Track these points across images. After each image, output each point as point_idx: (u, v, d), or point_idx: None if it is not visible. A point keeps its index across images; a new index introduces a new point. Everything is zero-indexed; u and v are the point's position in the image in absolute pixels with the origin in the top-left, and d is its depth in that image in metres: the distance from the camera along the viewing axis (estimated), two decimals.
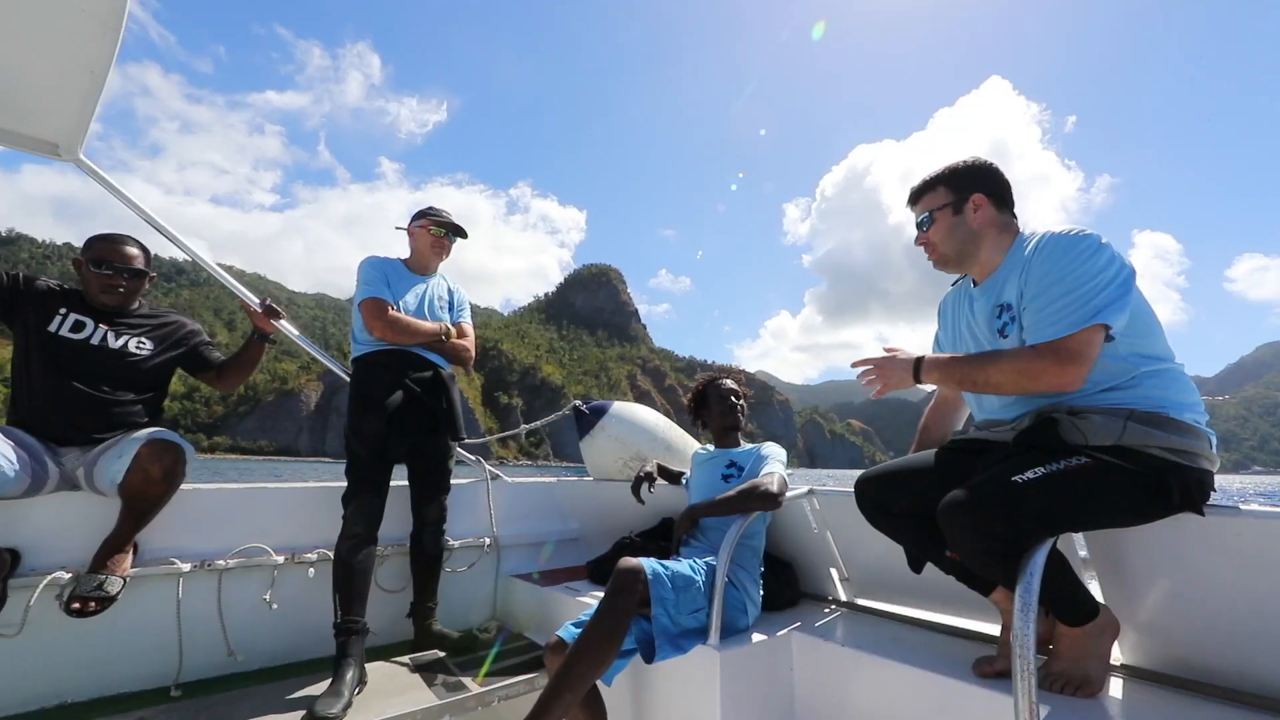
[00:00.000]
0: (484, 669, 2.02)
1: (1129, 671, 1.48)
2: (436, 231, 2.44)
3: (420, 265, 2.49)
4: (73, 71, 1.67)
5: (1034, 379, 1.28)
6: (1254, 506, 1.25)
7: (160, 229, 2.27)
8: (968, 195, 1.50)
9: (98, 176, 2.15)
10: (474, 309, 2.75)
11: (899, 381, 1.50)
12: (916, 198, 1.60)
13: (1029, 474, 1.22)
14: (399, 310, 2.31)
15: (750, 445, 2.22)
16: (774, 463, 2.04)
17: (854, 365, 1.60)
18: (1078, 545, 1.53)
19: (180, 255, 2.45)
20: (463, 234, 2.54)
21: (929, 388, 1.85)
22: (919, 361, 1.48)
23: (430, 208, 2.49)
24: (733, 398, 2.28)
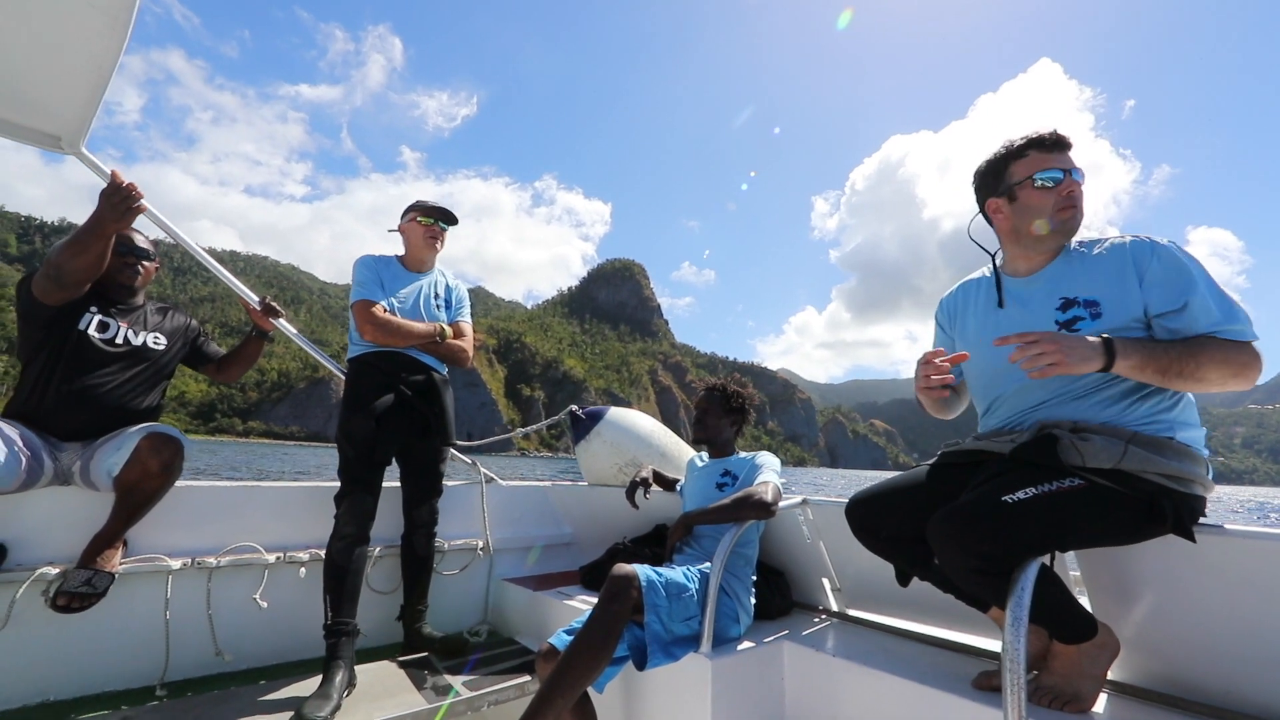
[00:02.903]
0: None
1: (1116, 688, 1.49)
2: (425, 221, 2.41)
3: (416, 261, 2.46)
4: (78, 65, 1.67)
5: (1242, 376, 1.21)
6: (1240, 526, 1.26)
7: (161, 224, 2.25)
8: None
9: (98, 170, 2.14)
10: (497, 302, 2.74)
11: (1082, 361, 1.21)
12: (1068, 145, 1.42)
13: (1020, 494, 1.21)
14: (393, 310, 2.30)
15: (746, 454, 2.23)
16: (768, 472, 2.05)
17: (999, 342, 1.28)
18: (1069, 562, 1.54)
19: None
20: (452, 219, 2.49)
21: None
22: (1110, 342, 1.23)
23: (417, 200, 2.47)
24: (731, 403, 2.30)
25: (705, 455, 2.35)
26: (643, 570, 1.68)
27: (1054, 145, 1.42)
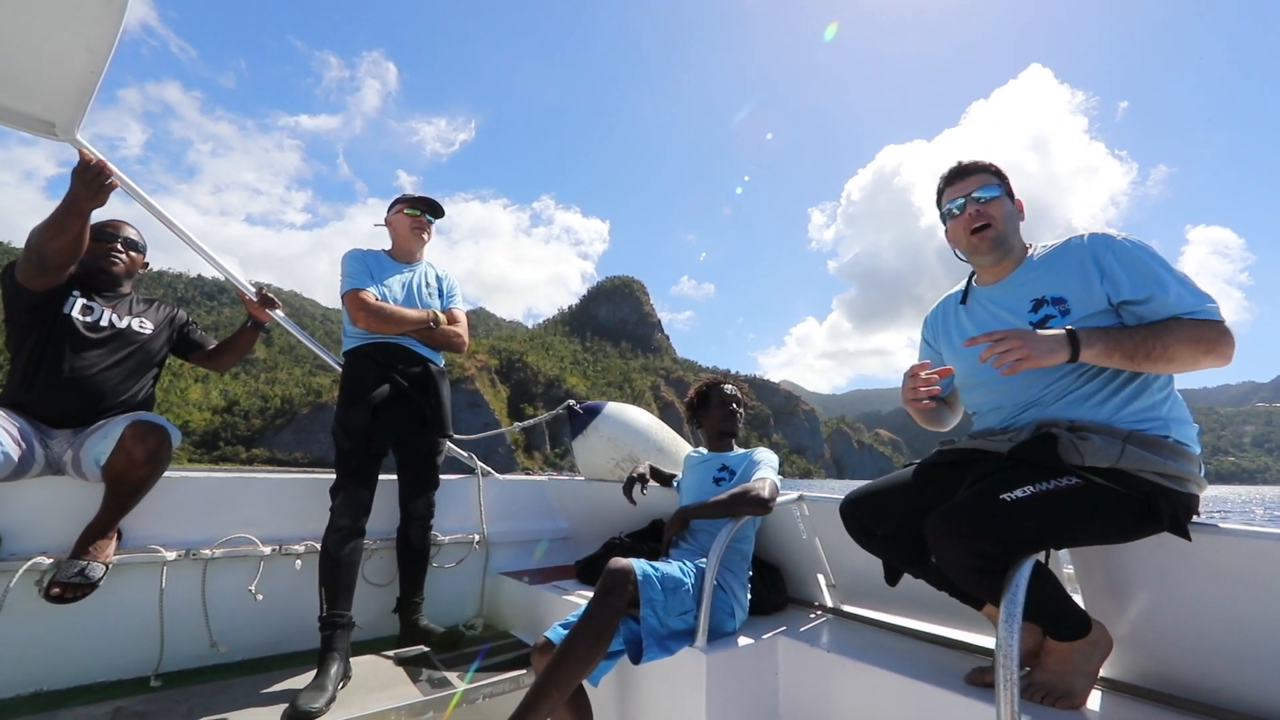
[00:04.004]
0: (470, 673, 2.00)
1: (1108, 684, 1.50)
2: (411, 212, 2.43)
3: (404, 253, 2.46)
4: (73, 50, 1.64)
5: (1214, 352, 1.24)
6: (1233, 525, 1.27)
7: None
8: (1012, 195, 1.55)
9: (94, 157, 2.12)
10: (498, 322, 2.74)
11: (1048, 353, 1.25)
12: (971, 172, 1.53)
13: (1018, 492, 1.23)
14: (384, 299, 2.29)
15: (743, 450, 2.23)
16: (765, 468, 2.05)
17: (969, 343, 1.36)
18: (1063, 560, 1.55)
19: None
20: (438, 211, 2.50)
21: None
22: (1073, 333, 1.28)
23: (403, 194, 2.49)
24: (733, 404, 2.29)
25: (703, 450, 2.35)
26: (639, 564, 1.68)
27: (957, 175, 1.56)
